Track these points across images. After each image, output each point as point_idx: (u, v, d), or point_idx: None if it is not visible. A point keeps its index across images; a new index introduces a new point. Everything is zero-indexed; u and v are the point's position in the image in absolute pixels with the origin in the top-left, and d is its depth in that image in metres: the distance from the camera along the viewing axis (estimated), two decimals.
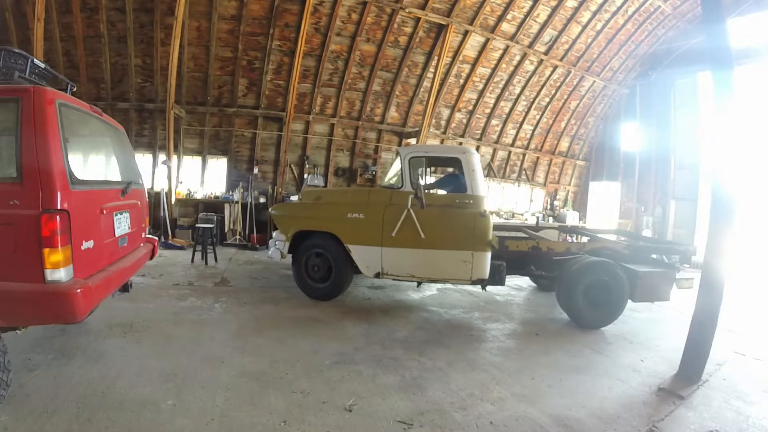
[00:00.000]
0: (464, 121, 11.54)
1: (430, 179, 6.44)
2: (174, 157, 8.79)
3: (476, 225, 4.59)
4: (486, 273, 4.63)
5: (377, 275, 4.77)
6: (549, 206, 13.53)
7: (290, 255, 5.25)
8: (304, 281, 5.14)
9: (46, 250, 2.19)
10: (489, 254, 4.63)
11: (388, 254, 4.70)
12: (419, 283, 5.28)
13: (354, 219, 4.81)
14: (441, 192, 5.17)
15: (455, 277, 4.73)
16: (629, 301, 4.62)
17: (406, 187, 4.74)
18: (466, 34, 9.69)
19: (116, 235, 3.06)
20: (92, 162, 3.21)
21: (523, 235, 6.12)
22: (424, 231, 4.56)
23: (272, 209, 5.69)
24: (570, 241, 8.41)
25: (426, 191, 4.79)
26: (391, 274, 4.76)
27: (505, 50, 10.35)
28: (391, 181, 5.30)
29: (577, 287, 4.56)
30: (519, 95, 11.59)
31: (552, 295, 6.02)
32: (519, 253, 4.90)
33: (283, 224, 5.31)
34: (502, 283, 4.83)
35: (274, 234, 5.50)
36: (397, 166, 5.28)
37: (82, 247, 2.49)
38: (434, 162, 5.89)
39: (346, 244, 4.83)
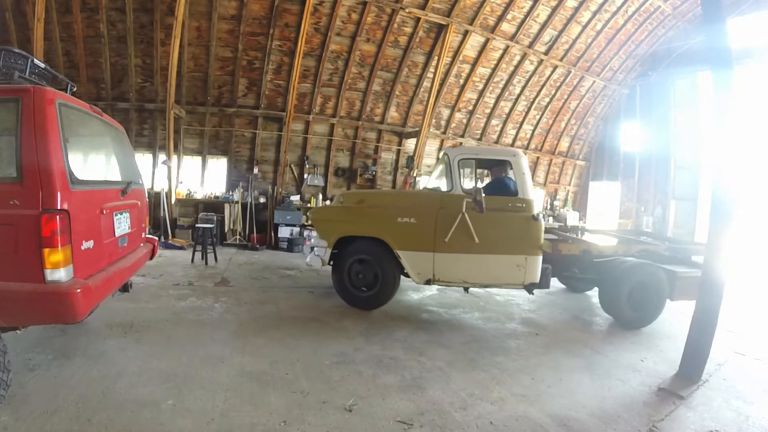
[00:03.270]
0: (464, 121, 11.54)
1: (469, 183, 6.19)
2: (174, 157, 8.79)
3: (529, 228, 4.54)
4: (538, 277, 4.58)
5: (428, 282, 4.61)
6: (549, 206, 13.53)
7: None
8: (346, 289, 4.87)
9: (46, 250, 2.19)
10: (541, 258, 4.57)
11: (441, 260, 4.54)
12: (467, 289, 5.14)
13: (405, 224, 4.58)
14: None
15: (508, 282, 4.63)
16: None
17: (456, 190, 4.61)
18: (466, 34, 9.69)
19: (116, 235, 3.05)
20: (92, 162, 3.22)
21: (554, 236, 6.11)
22: (478, 235, 4.44)
23: (311, 213, 5.35)
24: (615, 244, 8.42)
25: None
26: (442, 280, 4.60)
27: (505, 50, 10.35)
28: (436, 184, 5.22)
29: (622, 289, 4.61)
30: (519, 95, 11.59)
31: (553, 295, 6.03)
32: (567, 257, 4.89)
33: (324, 229, 4.96)
34: (547, 286, 4.77)
35: (312, 240, 5.18)
36: (442, 168, 5.22)
37: (82, 247, 2.49)
38: (483, 164, 5.61)
39: (397, 250, 4.59)
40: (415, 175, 10.14)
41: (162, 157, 8.83)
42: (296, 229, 9.20)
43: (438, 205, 4.61)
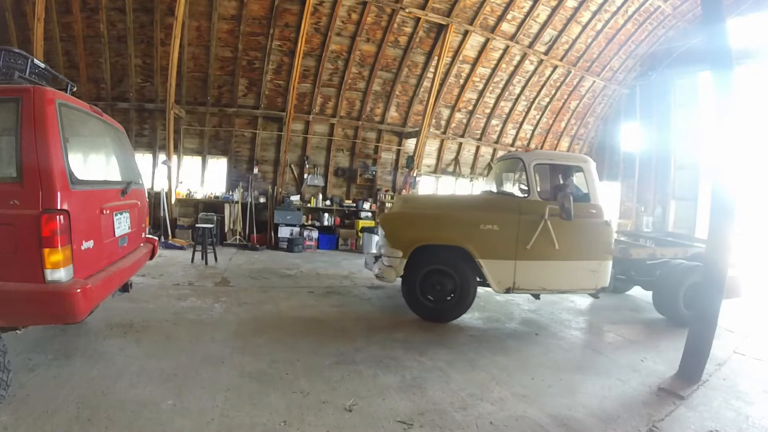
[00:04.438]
0: (464, 121, 11.54)
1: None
2: (174, 157, 8.79)
3: (602, 234, 4.58)
4: (608, 281, 4.64)
5: (508, 290, 4.52)
6: None
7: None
8: (418, 302, 4.59)
9: (46, 250, 2.18)
10: (611, 262, 4.63)
11: (522, 268, 4.48)
12: (538, 296, 5.05)
13: (488, 231, 4.44)
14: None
15: (583, 288, 4.66)
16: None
17: (533, 196, 4.56)
18: (466, 34, 9.69)
19: (116, 235, 3.05)
20: (92, 162, 3.21)
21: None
22: (557, 242, 4.42)
23: (381, 219, 4.94)
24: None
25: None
26: (522, 288, 4.55)
27: (505, 50, 10.35)
28: (502, 188, 5.28)
29: (679, 289, 4.80)
30: (519, 95, 11.59)
31: (554, 294, 6.02)
32: (633, 260, 5.02)
33: (398, 237, 4.54)
34: (610, 289, 4.85)
35: (382, 249, 4.76)
36: (500, 171, 5.21)
37: (82, 247, 2.49)
38: (556, 170, 5.31)
39: (479, 258, 4.42)
40: (415, 175, 10.14)
41: (162, 157, 8.83)
42: (296, 229, 9.22)
43: (518, 211, 4.53)
